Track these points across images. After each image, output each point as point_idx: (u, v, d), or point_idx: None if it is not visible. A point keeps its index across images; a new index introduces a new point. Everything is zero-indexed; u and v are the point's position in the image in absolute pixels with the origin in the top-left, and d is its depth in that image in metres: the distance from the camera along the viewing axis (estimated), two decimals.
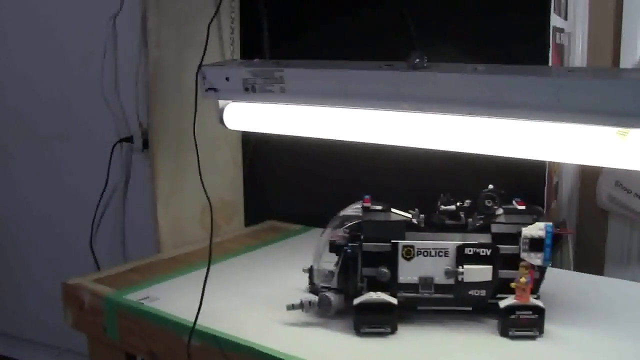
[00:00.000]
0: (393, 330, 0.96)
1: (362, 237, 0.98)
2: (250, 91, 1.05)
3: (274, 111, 1.11)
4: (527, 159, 0.95)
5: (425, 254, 0.96)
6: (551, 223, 0.96)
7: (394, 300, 0.96)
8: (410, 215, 1.01)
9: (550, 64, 1.26)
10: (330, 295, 1.00)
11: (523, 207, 1.00)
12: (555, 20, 1.27)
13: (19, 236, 1.91)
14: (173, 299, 1.09)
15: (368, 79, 0.95)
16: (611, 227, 1.58)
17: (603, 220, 1.58)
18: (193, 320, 0.97)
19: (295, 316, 1.01)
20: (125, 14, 1.58)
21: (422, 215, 1.02)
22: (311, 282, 1.08)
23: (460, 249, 0.95)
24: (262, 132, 1.15)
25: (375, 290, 0.96)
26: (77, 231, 1.75)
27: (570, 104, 0.79)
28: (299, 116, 1.09)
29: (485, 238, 0.97)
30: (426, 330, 0.97)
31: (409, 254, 0.96)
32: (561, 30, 1.33)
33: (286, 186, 1.57)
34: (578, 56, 1.46)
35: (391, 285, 0.97)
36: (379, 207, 1.00)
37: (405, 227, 0.98)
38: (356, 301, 0.96)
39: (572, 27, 1.41)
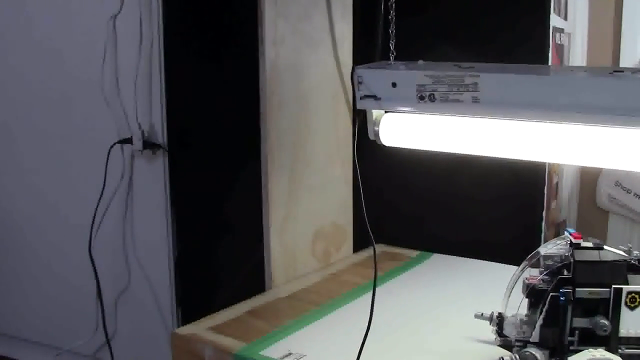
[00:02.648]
0: None
1: (574, 281, 0.81)
2: (427, 100, 0.86)
3: (423, 123, 0.92)
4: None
5: None
6: None
7: None
8: (624, 254, 0.84)
9: (550, 64, 1.26)
10: (536, 352, 0.83)
11: None
12: (555, 20, 1.26)
13: (19, 236, 1.89)
14: (322, 356, 0.90)
15: (598, 88, 0.77)
16: (611, 227, 1.58)
17: (603, 220, 1.58)
18: None
19: None
20: (125, 14, 1.57)
21: (636, 252, 0.85)
22: (501, 334, 0.89)
23: None
24: (428, 149, 0.96)
25: (588, 345, 0.80)
26: (77, 232, 1.74)
27: None
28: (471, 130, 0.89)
29: None
30: None
31: (634, 301, 0.80)
32: (561, 30, 1.32)
33: (393, 205, 1.41)
34: (578, 56, 1.45)
35: (611, 339, 0.81)
36: (590, 244, 0.83)
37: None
38: None
39: (572, 27, 1.41)
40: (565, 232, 0.87)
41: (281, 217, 1.14)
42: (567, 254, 0.84)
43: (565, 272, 0.83)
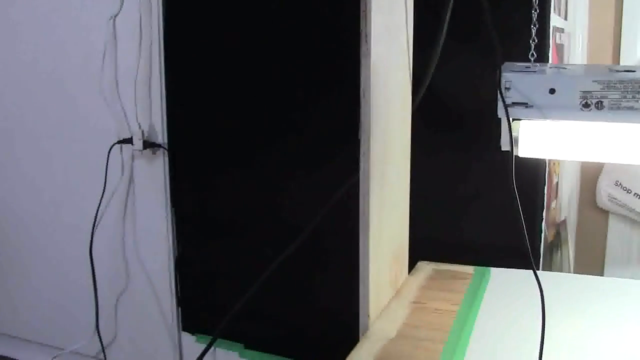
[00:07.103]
0: None
1: None
2: (592, 108, 0.79)
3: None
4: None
5: None
6: None
7: None
8: None
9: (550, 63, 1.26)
10: None
11: None
12: (555, 20, 1.26)
13: (19, 237, 1.90)
14: None
15: None
16: (611, 227, 1.58)
17: (603, 220, 1.58)
18: None
19: None
20: (125, 14, 1.57)
21: None
22: None
23: None
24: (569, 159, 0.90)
25: None
26: (77, 232, 1.74)
27: None
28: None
29: None
30: None
31: None
32: (561, 30, 1.32)
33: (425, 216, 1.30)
34: (578, 56, 1.45)
35: None
36: None
37: None
38: None
39: (572, 27, 1.41)
40: None
41: (376, 241, 0.97)
42: None
43: None
